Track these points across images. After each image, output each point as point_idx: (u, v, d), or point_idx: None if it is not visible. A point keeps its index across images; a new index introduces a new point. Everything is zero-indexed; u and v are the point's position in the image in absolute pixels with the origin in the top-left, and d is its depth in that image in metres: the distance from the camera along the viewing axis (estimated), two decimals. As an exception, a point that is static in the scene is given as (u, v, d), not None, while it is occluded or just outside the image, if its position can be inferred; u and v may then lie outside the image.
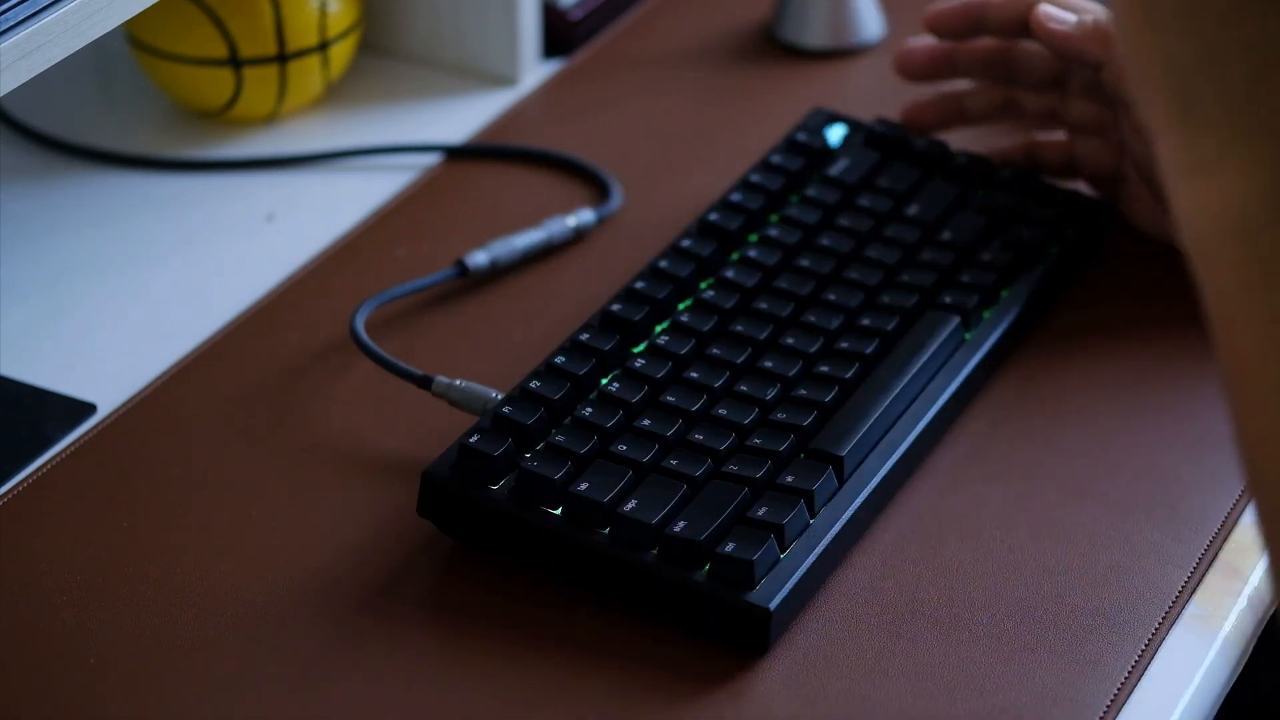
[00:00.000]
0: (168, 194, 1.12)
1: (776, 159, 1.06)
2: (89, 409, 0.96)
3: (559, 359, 0.93)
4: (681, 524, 0.84)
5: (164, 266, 1.06)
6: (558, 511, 0.86)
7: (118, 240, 1.08)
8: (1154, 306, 1.03)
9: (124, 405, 0.96)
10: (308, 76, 1.16)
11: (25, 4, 0.86)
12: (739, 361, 0.93)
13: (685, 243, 1.00)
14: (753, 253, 0.99)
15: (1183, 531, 0.90)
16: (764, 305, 0.96)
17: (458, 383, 0.93)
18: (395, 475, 0.92)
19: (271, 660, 0.83)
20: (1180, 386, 0.98)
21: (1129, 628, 0.86)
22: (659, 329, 0.95)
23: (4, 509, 0.90)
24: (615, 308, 0.96)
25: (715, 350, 0.94)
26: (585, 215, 1.07)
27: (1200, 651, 0.85)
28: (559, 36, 1.23)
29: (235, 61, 1.13)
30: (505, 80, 1.21)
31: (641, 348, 0.94)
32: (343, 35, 1.16)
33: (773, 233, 1.01)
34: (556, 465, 0.87)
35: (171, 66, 1.14)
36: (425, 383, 0.94)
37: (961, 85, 1.10)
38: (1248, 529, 0.91)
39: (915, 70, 1.10)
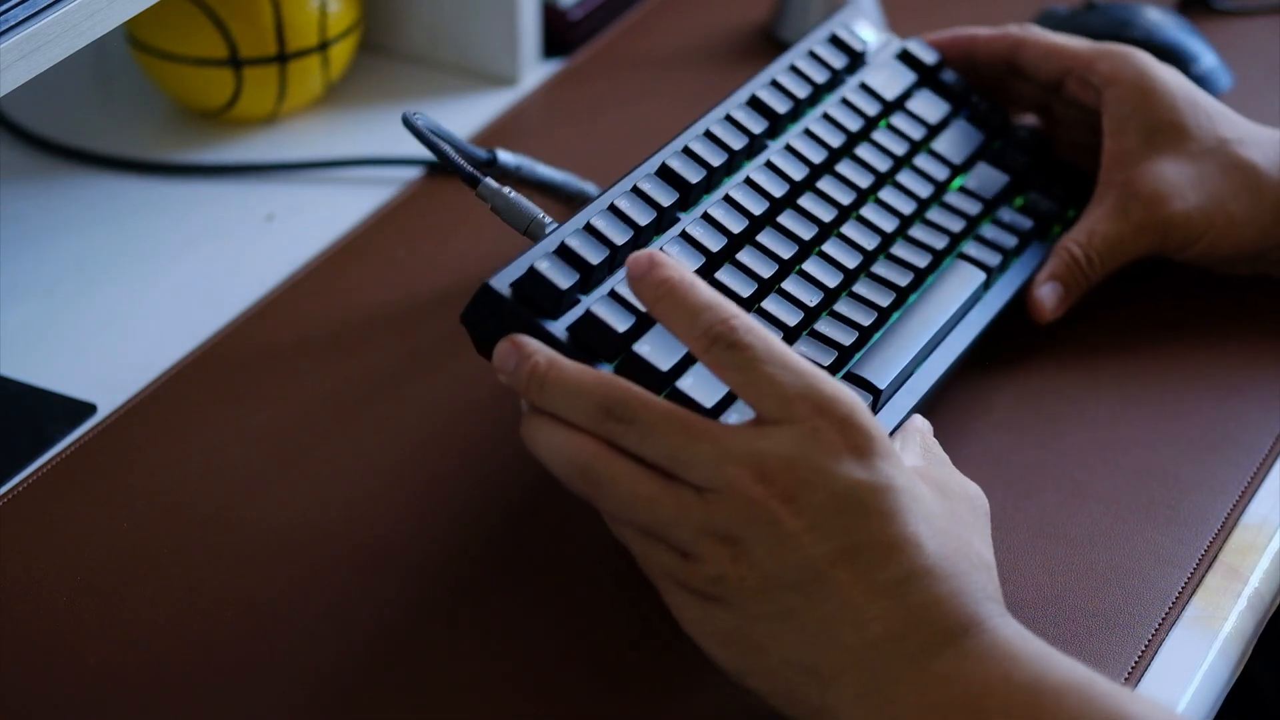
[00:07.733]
0: (167, 196, 1.12)
1: (819, 49, 1.03)
2: (89, 409, 0.96)
3: (611, 210, 0.88)
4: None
5: (164, 268, 1.06)
6: (611, 366, 0.82)
7: (118, 241, 1.08)
8: (1155, 305, 1.03)
9: (124, 405, 0.96)
10: (308, 77, 1.16)
11: (25, 4, 0.86)
12: (786, 258, 0.91)
13: (737, 113, 0.96)
14: (798, 142, 0.97)
15: (1183, 532, 0.90)
16: (808, 204, 0.95)
17: (506, 190, 0.89)
18: (395, 477, 0.92)
19: (271, 660, 0.83)
20: (1180, 386, 0.98)
21: (1129, 628, 0.86)
22: (708, 196, 0.93)
23: (4, 509, 0.90)
24: (674, 164, 0.91)
25: (763, 239, 0.91)
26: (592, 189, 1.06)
27: (1200, 651, 0.85)
28: (559, 36, 1.23)
29: (235, 61, 1.14)
30: (505, 80, 1.21)
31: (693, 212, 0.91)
32: (343, 35, 1.16)
33: (816, 128, 0.99)
34: (623, 317, 0.83)
35: (171, 67, 1.14)
36: (473, 181, 0.89)
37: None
38: (1248, 529, 0.91)
39: None
